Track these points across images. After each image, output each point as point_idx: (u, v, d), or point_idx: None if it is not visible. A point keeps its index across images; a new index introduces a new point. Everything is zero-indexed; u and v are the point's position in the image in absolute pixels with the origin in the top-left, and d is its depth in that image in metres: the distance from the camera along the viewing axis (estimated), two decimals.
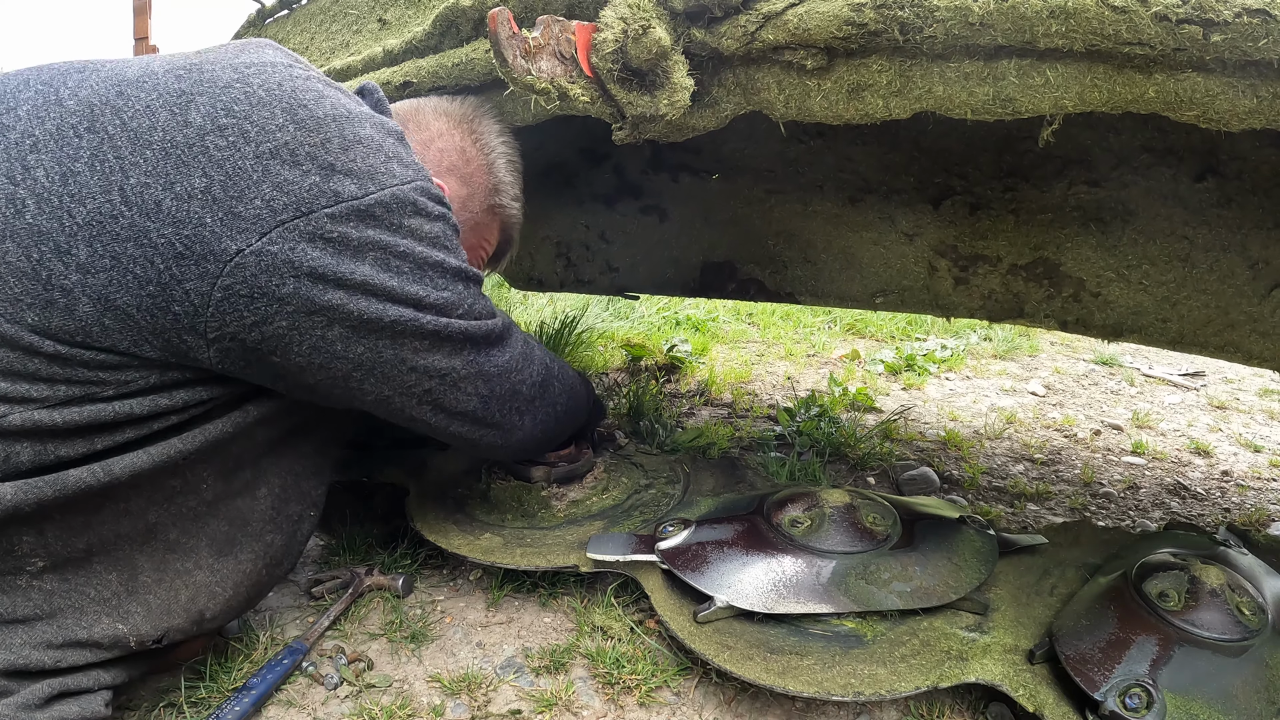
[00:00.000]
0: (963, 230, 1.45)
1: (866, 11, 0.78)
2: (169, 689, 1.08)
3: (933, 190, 1.44)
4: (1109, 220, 1.32)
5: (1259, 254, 1.22)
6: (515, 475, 1.45)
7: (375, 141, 0.91)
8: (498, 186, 1.19)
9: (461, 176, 1.15)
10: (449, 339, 0.98)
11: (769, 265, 1.78)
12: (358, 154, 0.88)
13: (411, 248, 0.91)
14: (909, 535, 1.22)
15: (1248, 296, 1.26)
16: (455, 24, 1.13)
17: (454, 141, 1.14)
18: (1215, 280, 1.28)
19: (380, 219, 0.89)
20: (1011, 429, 2.43)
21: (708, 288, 1.93)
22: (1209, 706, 0.91)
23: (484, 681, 1.11)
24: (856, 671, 1.01)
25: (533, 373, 1.14)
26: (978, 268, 1.49)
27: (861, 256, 1.63)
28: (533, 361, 1.14)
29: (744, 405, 2.47)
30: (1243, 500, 2.00)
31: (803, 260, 1.73)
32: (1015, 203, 1.38)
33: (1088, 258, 1.37)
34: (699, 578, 1.14)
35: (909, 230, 1.51)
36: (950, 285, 1.53)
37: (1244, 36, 0.66)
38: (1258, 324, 1.27)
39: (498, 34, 0.86)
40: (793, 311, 3.90)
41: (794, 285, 1.78)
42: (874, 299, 1.69)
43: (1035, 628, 1.09)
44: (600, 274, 2.09)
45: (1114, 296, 1.39)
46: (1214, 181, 1.20)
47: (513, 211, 1.23)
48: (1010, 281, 1.47)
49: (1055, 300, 1.45)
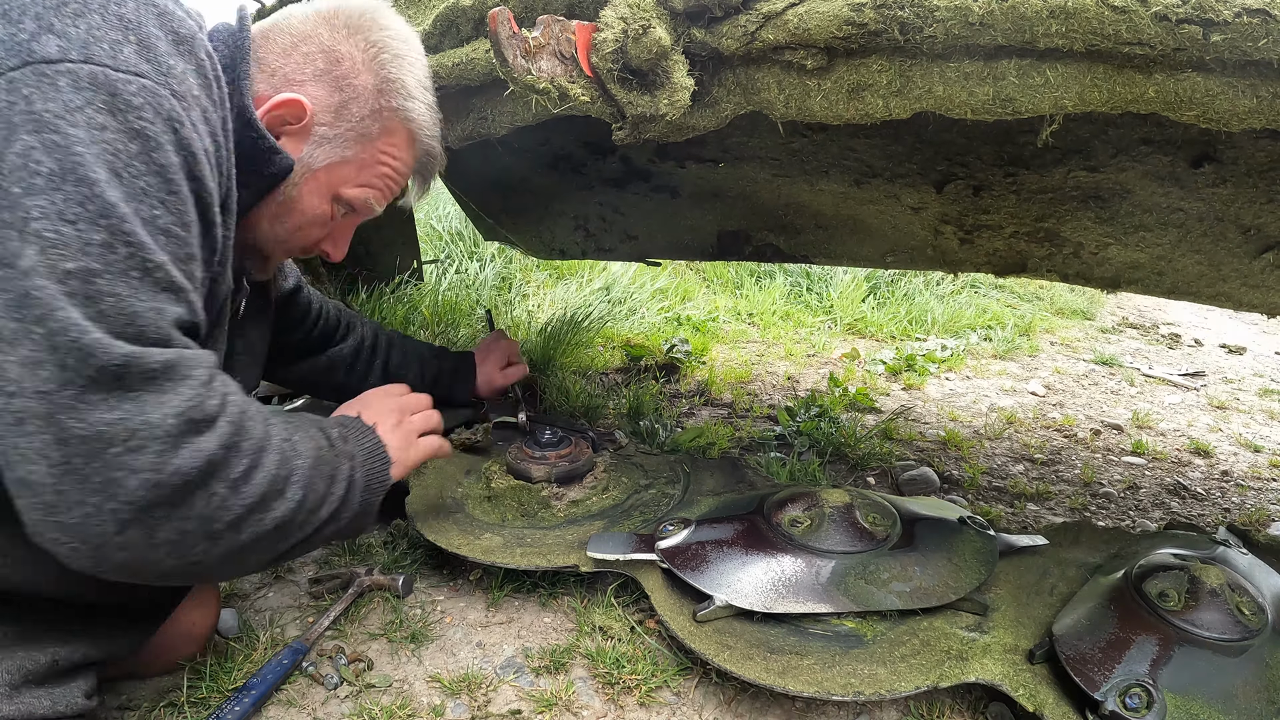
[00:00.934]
0: (966, 207, 1.49)
1: (866, 11, 0.78)
2: (169, 689, 1.08)
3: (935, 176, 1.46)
4: (1107, 198, 1.35)
5: (1251, 222, 1.24)
6: (516, 475, 1.45)
7: (126, 19, 0.75)
8: (387, 86, 0.99)
9: (331, 81, 0.97)
10: (56, 341, 0.67)
11: (783, 232, 1.84)
12: (90, 23, 0.72)
13: (78, 153, 0.69)
14: (909, 535, 1.22)
15: (1239, 256, 1.28)
16: (455, 24, 1.13)
17: (321, 43, 0.97)
18: (1209, 242, 1.30)
19: (58, 92, 0.69)
20: (1011, 429, 2.42)
21: (725, 252, 1.98)
22: (1209, 706, 0.91)
23: (484, 681, 1.11)
24: (856, 671, 1.01)
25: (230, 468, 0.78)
26: (981, 233, 1.54)
27: (870, 223, 1.68)
28: (239, 454, 0.79)
29: (744, 405, 2.47)
30: (1243, 500, 2.00)
31: (814, 226, 1.78)
32: (1016, 185, 1.41)
33: (1086, 227, 1.41)
34: (699, 577, 1.14)
35: (914, 205, 1.55)
36: (956, 244, 1.59)
37: (1244, 36, 0.66)
38: (1248, 278, 1.30)
39: (498, 33, 0.86)
40: (793, 311, 3.90)
41: (808, 249, 1.83)
42: (884, 258, 1.74)
43: (1035, 628, 1.09)
44: (620, 242, 2.13)
45: (1112, 255, 1.43)
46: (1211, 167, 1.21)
47: (418, 114, 1.03)
48: (1014, 242, 1.52)
49: (1056, 257, 1.49)
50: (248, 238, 1.01)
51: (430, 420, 1.19)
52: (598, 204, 2.04)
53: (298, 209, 1.00)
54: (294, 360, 1.49)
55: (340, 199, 1.02)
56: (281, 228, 1.02)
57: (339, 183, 1.01)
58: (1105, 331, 4.25)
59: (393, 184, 1.06)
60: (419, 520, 1.35)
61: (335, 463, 0.95)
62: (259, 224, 1.01)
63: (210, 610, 1.14)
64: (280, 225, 1.02)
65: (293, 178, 0.97)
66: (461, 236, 3.90)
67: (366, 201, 1.04)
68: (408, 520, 1.38)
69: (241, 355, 1.18)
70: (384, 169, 1.03)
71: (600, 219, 2.09)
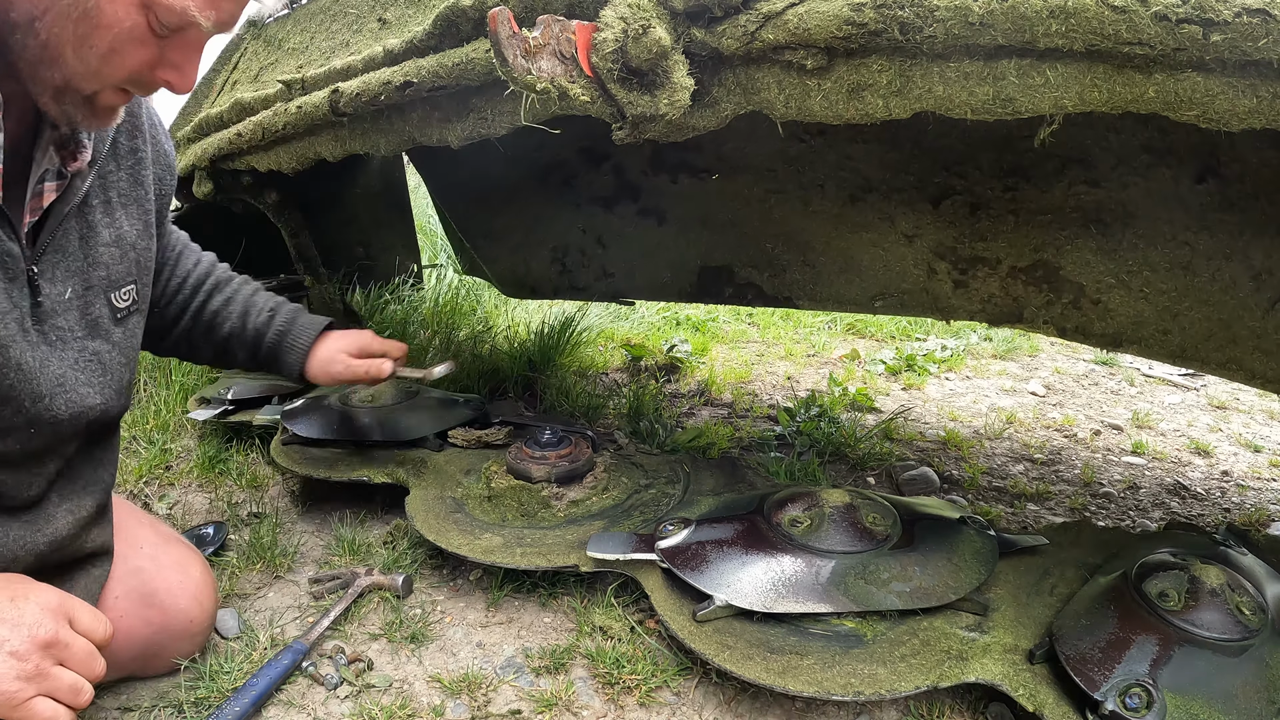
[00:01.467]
0: (962, 231, 1.45)
1: (866, 11, 0.78)
2: (169, 689, 1.08)
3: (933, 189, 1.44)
4: (1109, 222, 1.32)
5: (1261, 264, 1.20)
6: (516, 475, 1.45)
7: None
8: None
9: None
10: None
11: (767, 268, 1.78)
12: None
13: None
14: (909, 535, 1.22)
15: (1250, 310, 1.23)
16: (455, 24, 1.13)
17: None
18: (1218, 290, 1.25)
19: None
20: (1011, 429, 2.42)
21: (705, 293, 1.91)
22: (1209, 706, 0.91)
23: (484, 681, 1.11)
24: (856, 671, 1.01)
25: None
26: (977, 270, 1.48)
27: (861, 259, 1.62)
28: None
29: (744, 405, 2.47)
30: (1243, 500, 2.00)
31: (801, 263, 1.72)
32: (1015, 203, 1.38)
33: (1088, 261, 1.36)
34: (699, 576, 1.14)
35: (909, 231, 1.51)
36: (949, 288, 1.53)
37: (1244, 36, 0.66)
38: (1261, 340, 1.23)
39: (498, 33, 0.86)
40: (793, 312, 3.90)
41: (792, 289, 1.76)
42: (873, 302, 1.65)
43: (1035, 628, 1.09)
44: (596, 280, 2.08)
45: (1114, 304, 1.36)
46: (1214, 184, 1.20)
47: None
48: (1009, 285, 1.46)
49: (1055, 306, 1.43)
50: (49, 78, 0.81)
51: (85, 668, 0.85)
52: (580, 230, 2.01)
53: (102, 23, 0.79)
54: None
55: (152, 7, 0.80)
56: (90, 53, 0.80)
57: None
58: None
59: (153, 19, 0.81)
60: (419, 520, 1.35)
61: None
62: (61, 55, 0.80)
63: (209, 609, 1.14)
64: (88, 50, 0.80)
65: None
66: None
67: (185, 10, 0.80)
68: (408, 520, 1.38)
69: (110, 246, 1.00)
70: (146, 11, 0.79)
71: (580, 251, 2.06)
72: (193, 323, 1.32)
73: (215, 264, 1.38)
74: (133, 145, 1.05)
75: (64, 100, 0.84)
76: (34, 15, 0.78)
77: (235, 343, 1.36)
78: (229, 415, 1.87)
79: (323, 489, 1.65)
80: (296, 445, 1.63)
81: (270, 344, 1.37)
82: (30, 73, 0.82)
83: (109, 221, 1.01)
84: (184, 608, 1.10)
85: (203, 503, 1.65)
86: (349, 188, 2.57)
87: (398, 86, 1.20)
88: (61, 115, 0.85)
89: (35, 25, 0.79)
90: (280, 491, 1.70)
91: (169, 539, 1.18)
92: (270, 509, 1.60)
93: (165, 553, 1.13)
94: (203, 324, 1.33)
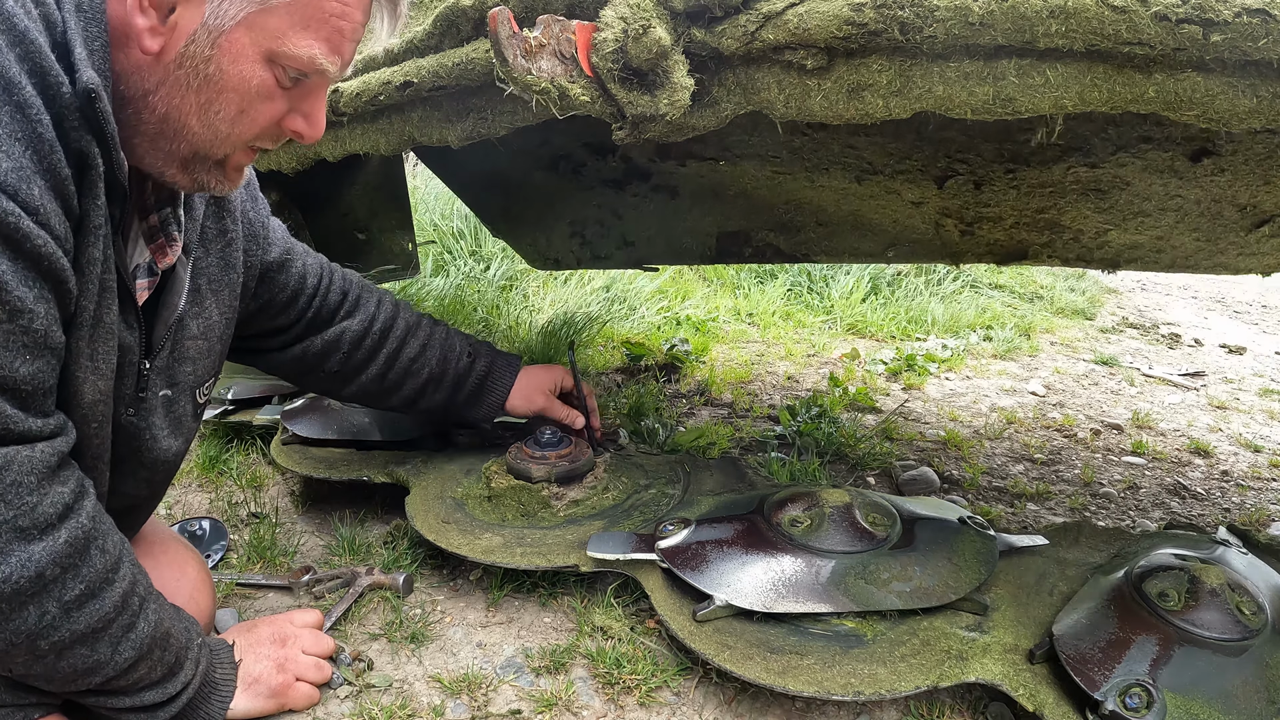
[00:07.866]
0: (966, 201, 1.50)
1: (866, 11, 0.78)
2: None
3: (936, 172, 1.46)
4: (1106, 190, 1.36)
5: (1248, 201, 1.25)
6: (516, 475, 1.45)
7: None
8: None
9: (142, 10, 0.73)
10: None
11: (783, 231, 1.82)
12: None
13: None
14: (909, 535, 1.22)
15: (1236, 230, 1.30)
16: (455, 24, 1.13)
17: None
18: (1206, 221, 1.32)
19: None
20: (1011, 429, 2.42)
21: (725, 254, 1.94)
22: (1209, 706, 0.91)
23: (484, 681, 1.11)
24: (857, 671, 1.01)
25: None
26: (982, 225, 1.55)
27: (871, 218, 1.67)
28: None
29: (744, 405, 2.47)
30: (1243, 500, 2.00)
31: (815, 224, 1.77)
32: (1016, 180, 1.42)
33: (1086, 215, 1.42)
34: (699, 576, 1.14)
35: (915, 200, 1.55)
36: (957, 236, 1.59)
37: (1244, 36, 0.66)
38: (1244, 248, 1.32)
39: (498, 33, 0.86)
40: (793, 311, 3.90)
41: (809, 247, 1.81)
42: (886, 252, 1.73)
43: (1035, 628, 1.09)
44: (617, 249, 2.11)
45: (1111, 239, 1.44)
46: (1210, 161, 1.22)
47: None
48: (1014, 232, 1.53)
49: (1056, 243, 1.50)
50: (175, 150, 0.80)
51: (313, 673, 1.05)
52: (595, 207, 2.03)
53: (227, 86, 0.77)
54: (283, 345, 1.28)
55: (278, 60, 0.78)
56: (218, 118, 0.79)
57: (268, 39, 0.77)
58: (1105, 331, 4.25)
59: (344, 26, 0.80)
60: (419, 520, 1.35)
61: (183, 654, 0.90)
62: (185, 125, 0.79)
63: (206, 609, 1.14)
64: (215, 115, 0.79)
65: (200, 48, 0.75)
66: (462, 235, 3.90)
67: (314, 59, 0.79)
68: (408, 520, 1.38)
69: (197, 339, 0.99)
70: (326, 7, 0.78)
71: (598, 224, 2.08)
72: (385, 368, 1.36)
73: (399, 306, 1.40)
74: (221, 227, 1.02)
75: (194, 169, 0.83)
76: (146, 90, 0.77)
77: (432, 388, 1.38)
78: (229, 415, 1.87)
79: (323, 489, 1.65)
80: (296, 445, 1.63)
81: (472, 388, 1.44)
82: (149, 147, 0.80)
83: (198, 311, 0.98)
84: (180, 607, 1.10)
85: (203, 502, 1.65)
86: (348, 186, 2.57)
87: (398, 86, 1.20)
88: (193, 184, 0.84)
89: (150, 99, 0.77)
90: (280, 491, 1.70)
91: (166, 538, 1.18)
92: (270, 509, 1.60)
93: (162, 552, 1.13)
94: (397, 370, 1.37)
